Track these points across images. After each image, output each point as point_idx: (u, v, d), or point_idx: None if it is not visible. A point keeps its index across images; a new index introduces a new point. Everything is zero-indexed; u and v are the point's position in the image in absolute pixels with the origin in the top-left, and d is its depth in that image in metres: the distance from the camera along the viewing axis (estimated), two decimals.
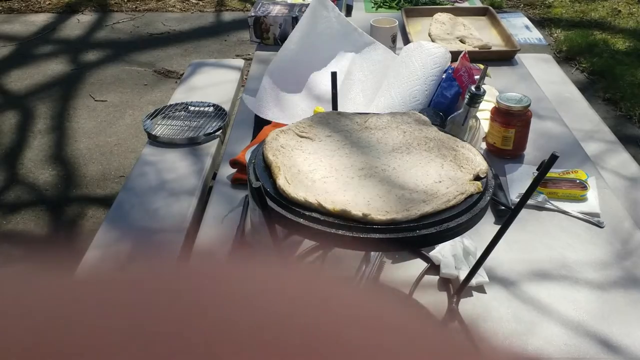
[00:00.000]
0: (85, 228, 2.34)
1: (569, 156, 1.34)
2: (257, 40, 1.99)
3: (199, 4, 4.77)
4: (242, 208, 1.17)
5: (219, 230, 1.15)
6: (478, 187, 0.76)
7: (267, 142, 0.85)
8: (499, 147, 1.30)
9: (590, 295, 0.96)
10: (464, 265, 0.97)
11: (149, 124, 1.80)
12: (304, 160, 0.82)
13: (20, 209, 2.47)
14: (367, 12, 2.26)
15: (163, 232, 1.43)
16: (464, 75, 1.25)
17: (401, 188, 0.76)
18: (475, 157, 0.82)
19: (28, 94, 3.39)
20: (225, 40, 4.09)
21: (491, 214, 1.13)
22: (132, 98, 3.33)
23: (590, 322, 0.91)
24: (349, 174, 0.79)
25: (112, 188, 2.56)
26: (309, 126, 0.90)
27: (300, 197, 0.73)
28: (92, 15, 4.57)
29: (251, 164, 0.82)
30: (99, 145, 2.89)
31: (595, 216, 1.14)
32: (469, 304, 0.95)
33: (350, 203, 0.72)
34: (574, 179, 1.21)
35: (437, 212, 0.72)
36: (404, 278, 0.99)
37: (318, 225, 0.71)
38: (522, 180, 1.23)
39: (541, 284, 0.99)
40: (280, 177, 0.76)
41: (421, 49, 1.31)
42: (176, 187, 1.56)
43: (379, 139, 0.88)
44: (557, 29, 4.14)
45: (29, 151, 2.86)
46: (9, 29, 4.35)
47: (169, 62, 3.77)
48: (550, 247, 1.07)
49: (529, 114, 1.28)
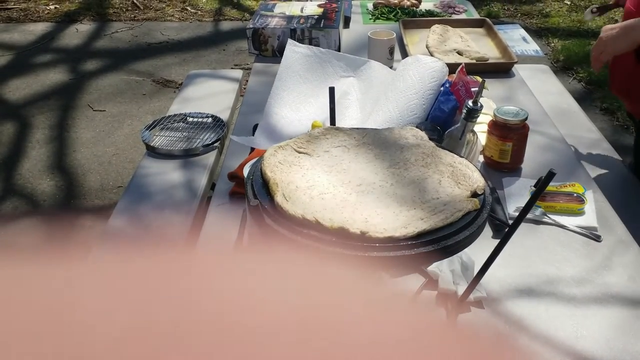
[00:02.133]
0: (83, 239, 2.33)
1: (566, 169, 1.35)
2: (255, 52, 1.99)
3: (198, 13, 4.79)
4: (241, 222, 1.17)
5: (217, 243, 1.15)
6: (475, 204, 0.77)
7: (265, 158, 0.85)
8: (497, 160, 1.30)
9: (588, 311, 0.96)
10: (462, 280, 0.97)
11: (147, 135, 1.81)
12: (302, 176, 0.82)
13: (18, 219, 2.46)
14: (365, 23, 2.27)
15: (161, 243, 1.43)
16: (461, 89, 1.25)
17: (399, 205, 0.76)
18: (473, 174, 0.83)
19: (26, 104, 3.40)
20: (223, 50, 4.10)
21: (489, 229, 1.13)
22: (131, 108, 3.33)
23: (587, 338, 0.91)
24: (346, 190, 0.79)
25: (110, 198, 2.56)
26: (306, 142, 0.90)
27: (298, 214, 0.73)
28: (91, 25, 4.59)
29: (249, 180, 0.82)
30: (97, 156, 2.89)
31: (593, 230, 1.15)
32: (467, 319, 0.95)
33: (348, 220, 0.72)
34: (571, 193, 1.21)
35: (434, 230, 0.72)
36: (401, 293, 0.99)
37: (316, 243, 0.71)
38: (520, 193, 1.24)
39: (539, 299, 0.99)
40: (278, 194, 0.76)
41: (418, 63, 1.32)
42: (174, 199, 1.56)
43: (376, 154, 0.88)
44: (554, 38, 4.16)
45: (27, 161, 2.86)
46: (8, 38, 4.36)
47: (167, 71, 3.78)
48: (547, 262, 1.07)
49: (526, 127, 1.28)
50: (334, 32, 1.94)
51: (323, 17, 2.02)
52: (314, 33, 1.94)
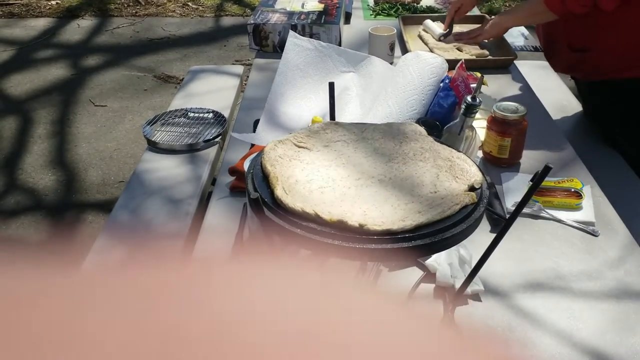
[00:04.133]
0: (84, 233, 2.35)
1: (564, 165, 1.36)
2: (256, 47, 2.00)
3: (199, 9, 4.79)
4: (241, 216, 1.18)
5: (218, 237, 1.16)
6: (472, 198, 0.78)
7: (265, 152, 0.86)
8: (495, 155, 1.31)
9: (584, 304, 0.98)
10: (459, 274, 0.98)
11: (149, 130, 1.82)
12: (302, 170, 0.83)
13: (19, 214, 2.48)
14: (365, 19, 2.28)
15: (162, 238, 1.44)
16: (460, 85, 1.26)
17: (397, 198, 0.77)
18: (471, 168, 0.84)
19: (28, 99, 3.41)
20: (225, 46, 4.11)
21: (487, 223, 1.14)
22: (132, 103, 3.34)
23: (583, 331, 0.93)
24: (345, 184, 0.80)
25: (112, 193, 2.57)
26: (306, 136, 0.91)
27: (297, 207, 0.74)
28: (92, 20, 4.59)
29: (249, 174, 0.83)
30: (98, 151, 2.90)
31: (590, 225, 1.16)
32: (464, 312, 0.96)
33: (347, 213, 0.74)
34: (569, 188, 1.22)
35: (432, 223, 0.73)
36: (401, 286, 1.00)
37: (315, 236, 0.72)
38: (518, 188, 1.25)
39: (536, 293, 1.00)
40: (278, 188, 0.77)
41: (418, 59, 1.33)
42: (175, 194, 1.57)
43: (375, 149, 0.89)
44: None
45: (29, 156, 2.87)
46: (9, 33, 4.37)
47: (168, 67, 3.78)
48: (545, 256, 1.08)
49: (525, 123, 1.29)
50: (335, 28, 1.94)
51: (324, 13, 2.03)
52: (315, 29, 1.95)
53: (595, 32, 1.62)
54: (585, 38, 1.65)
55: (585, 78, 1.84)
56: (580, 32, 1.65)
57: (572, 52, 1.71)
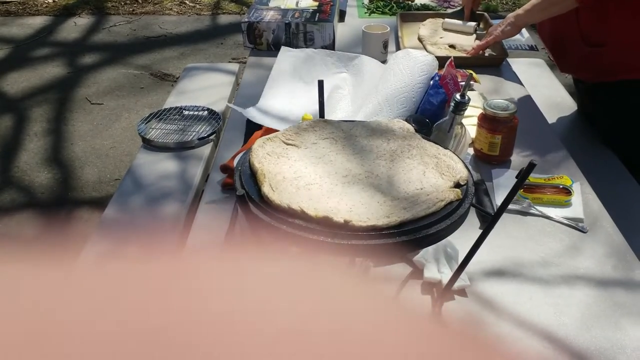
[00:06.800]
0: (80, 231, 2.35)
1: (554, 162, 1.37)
2: (250, 45, 2.01)
3: (196, 7, 4.79)
4: (232, 213, 1.19)
5: (209, 234, 1.17)
6: (457, 195, 0.78)
7: (253, 149, 0.87)
8: (486, 152, 1.32)
9: (571, 299, 0.99)
10: (446, 270, 0.99)
11: (144, 127, 1.82)
12: (289, 167, 0.84)
13: (15, 212, 2.48)
14: (360, 17, 2.28)
15: (155, 234, 1.45)
16: (449, 82, 1.27)
17: (383, 195, 0.78)
18: (457, 165, 0.84)
19: (24, 97, 3.41)
20: (221, 44, 4.11)
21: (476, 220, 1.15)
22: (128, 101, 3.35)
23: (570, 326, 0.94)
24: (332, 180, 0.81)
25: (108, 191, 2.58)
26: (295, 134, 0.92)
27: (284, 204, 0.75)
28: (89, 18, 4.59)
29: (238, 171, 0.84)
30: (94, 148, 2.91)
31: (579, 221, 1.16)
32: (452, 307, 0.97)
33: (332, 210, 0.74)
34: (558, 185, 1.23)
35: (417, 219, 0.74)
36: (388, 282, 1.01)
37: (300, 232, 0.72)
38: (508, 185, 1.25)
39: (523, 288, 1.01)
40: (265, 185, 0.78)
41: (409, 57, 1.34)
42: (169, 191, 1.58)
43: (363, 146, 0.90)
44: None
45: (25, 154, 2.87)
46: (6, 31, 4.37)
47: (165, 65, 3.79)
48: (533, 252, 1.09)
49: (516, 120, 1.30)
50: (329, 26, 1.95)
51: (318, 11, 2.04)
52: (309, 27, 1.95)
53: (612, 26, 1.56)
54: (601, 31, 1.59)
55: (592, 79, 1.76)
56: (595, 25, 1.59)
57: (586, 46, 1.63)
